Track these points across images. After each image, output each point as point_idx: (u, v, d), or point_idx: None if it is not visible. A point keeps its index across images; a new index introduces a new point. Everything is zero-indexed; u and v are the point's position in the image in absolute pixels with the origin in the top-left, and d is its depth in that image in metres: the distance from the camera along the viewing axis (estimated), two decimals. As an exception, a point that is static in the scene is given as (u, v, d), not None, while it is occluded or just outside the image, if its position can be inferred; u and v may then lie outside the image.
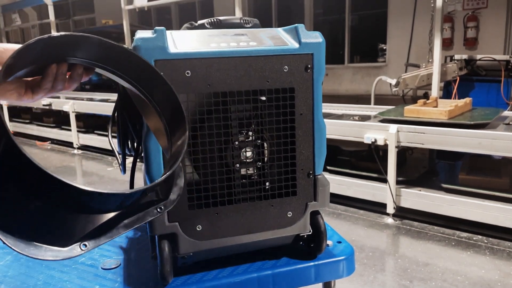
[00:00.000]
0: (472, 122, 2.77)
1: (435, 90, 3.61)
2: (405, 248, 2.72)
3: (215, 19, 0.91)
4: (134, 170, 0.90)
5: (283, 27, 0.90)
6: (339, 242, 0.97)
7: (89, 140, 5.69)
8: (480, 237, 2.78)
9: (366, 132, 3.07)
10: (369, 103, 4.65)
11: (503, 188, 2.82)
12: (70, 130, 5.79)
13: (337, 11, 10.00)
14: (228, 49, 0.79)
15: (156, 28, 0.76)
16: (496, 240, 2.73)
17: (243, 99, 0.81)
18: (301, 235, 0.90)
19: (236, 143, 0.82)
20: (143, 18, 12.65)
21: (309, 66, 0.83)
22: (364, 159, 3.49)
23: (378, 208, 3.20)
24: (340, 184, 3.30)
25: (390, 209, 3.06)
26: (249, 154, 0.84)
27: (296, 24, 0.85)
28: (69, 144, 5.96)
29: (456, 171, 3.36)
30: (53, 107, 5.94)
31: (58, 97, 6.03)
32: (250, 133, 0.83)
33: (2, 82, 0.63)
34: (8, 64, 0.58)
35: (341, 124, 3.23)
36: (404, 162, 3.54)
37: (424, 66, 4.36)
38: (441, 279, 2.30)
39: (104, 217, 0.65)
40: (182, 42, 0.79)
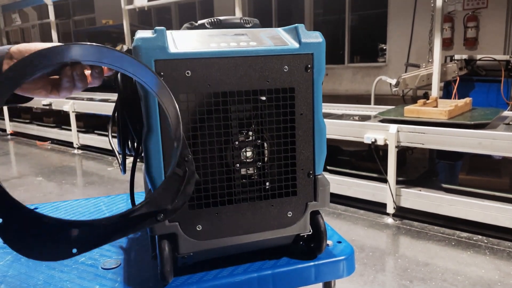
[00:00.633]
0: (472, 122, 2.77)
1: (435, 90, 3.61)
2: (405, 248, 2.72)
3: (215, 19, 0.91)
4: (134, 170, 0.90)
5: (283, 27, 0.89)
6: (339, 242, 0.97)
7: (89, 140, 5.69)
8: (480, 237, 2.78)
9: (366, 132, 3.07)
10: (369, 103, 4.66)
11: (503, 188, 2.82)
12: (70, 130, 5.79)
13: (337, 11, 9.99)
14: (228, 49, 0.79)
15: (156, 28, 0.76)
16: (496, 240, 2.73)
17: (243, 99, 0.81)
18: (301, 235, 0.90)
19: (236, 143, 0.82)
20: (143, 18, 12.64)
21: (309, 66, 0.83)
22: (364, 159, 3.49)
23: (378, 208, 3.20)
24: (340, 184, 3.30)
25: (390, 209, 3.07)
26: (249, 154, 0.84)
27: (296, 24, 0.85)
28: (69, 144, 5.96)
29: (456, 171, 3.37)
30: (53, 107, 5.94)
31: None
32: (250, 133, 0.83)
33: (28, 82, 0.71)
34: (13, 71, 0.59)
35: (341, 124, 3.23)
36: (404, 162, 3.54)
37: (424, 66, 4.35)
38: (441, 279, 2.30)
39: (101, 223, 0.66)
40: (182, 42, 0.79)
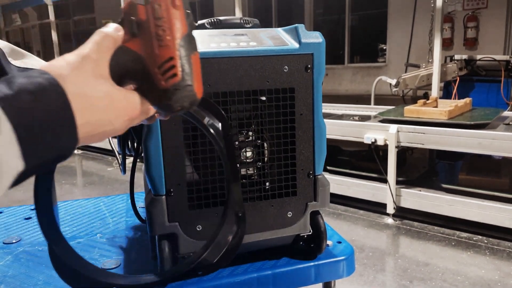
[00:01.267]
0: (472, 122, 2.77)
1: (435, 90, 3.61)
2: (405, 248, 2.72)
3: (215, 19, 0.91)
4: (134, 170, 0.90)
5: (283, 27, 0.89)
6: (339, 242, 0.97)
7: (89, 140, 5.68)
8: (480, 237, 2.78)
9: (366, 132, 3.07)
10: (369, 103, 4.66)
11: (503, 188, 2.82)
12: (70, 130, 5.78)
13: (337, 11, 9.99)
14: (228, 49, 0.79)
15: (156, 28, 0.76)
16: (496, 240, 2.73)
17: (243, 99, 0.81)
18: (301, 235, 0.90)
19: (236, 143, 0.82)
20: (143, 18, 12.62)
21: (309, 66, 0.82)
22: (364, 159, 3.49)
23: (378, 208, 3.20)
24: (340, 184, 3.30)
25: (390, 209, 3.06)
26: (249, 154, 0.84)
27: (296, 24, 0.85)
28: (69, 144, 5.96)
29: (456, 171, 3.37)
30: (53, 107, 5.93)
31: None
32: (250, 133, 0.83)
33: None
34: None
35: (341, 124, 3.23)
36: (404, 162, 3.54)
37: (424, 66, 4.35)
38: (441, 279, 2.30)
39: None
40: (182, 42, 0.79)
